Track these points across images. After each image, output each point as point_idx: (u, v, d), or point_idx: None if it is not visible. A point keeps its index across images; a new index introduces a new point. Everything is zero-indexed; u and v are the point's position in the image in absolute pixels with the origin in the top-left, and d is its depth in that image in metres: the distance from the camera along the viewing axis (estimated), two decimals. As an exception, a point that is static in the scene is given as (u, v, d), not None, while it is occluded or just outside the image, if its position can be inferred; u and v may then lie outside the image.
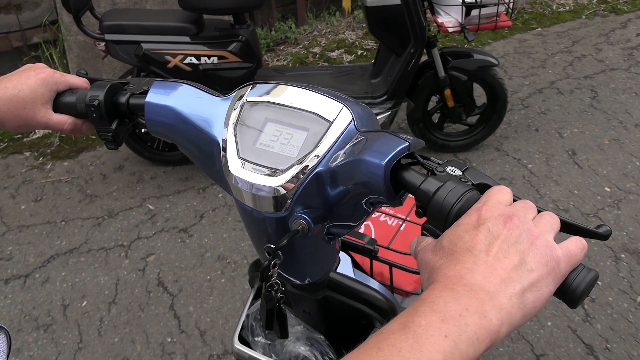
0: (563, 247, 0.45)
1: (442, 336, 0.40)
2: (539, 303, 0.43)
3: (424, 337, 0.40)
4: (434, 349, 0.40)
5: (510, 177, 2.53)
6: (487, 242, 0.45)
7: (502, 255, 0.44)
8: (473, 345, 0.40)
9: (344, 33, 3.87)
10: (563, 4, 4.17)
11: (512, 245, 0.44)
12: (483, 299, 0.42)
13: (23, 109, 0.72)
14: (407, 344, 0.40)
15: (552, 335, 1.80)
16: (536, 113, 2.97)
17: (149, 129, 0.70)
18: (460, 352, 0.40)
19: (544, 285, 0.43)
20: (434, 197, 0.50)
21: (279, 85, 0.63)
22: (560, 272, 0.44)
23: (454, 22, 2.27)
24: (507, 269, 0.43)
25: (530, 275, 0.43)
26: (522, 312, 0.43)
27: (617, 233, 2.18)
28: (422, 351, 0.39)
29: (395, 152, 0.52)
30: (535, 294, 0.43)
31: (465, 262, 0.45)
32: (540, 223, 0.46)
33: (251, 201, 0.61)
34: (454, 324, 0.41)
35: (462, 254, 0.46)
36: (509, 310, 0.42)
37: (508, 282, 0.43)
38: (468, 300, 0.42)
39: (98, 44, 2.32)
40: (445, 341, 0.40)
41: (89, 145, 2.93)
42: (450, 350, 0.40)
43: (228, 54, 2.32)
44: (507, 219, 0.45)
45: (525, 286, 0.43)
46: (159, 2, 3.19)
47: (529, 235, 0.45)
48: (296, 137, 0.59)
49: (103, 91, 0.72)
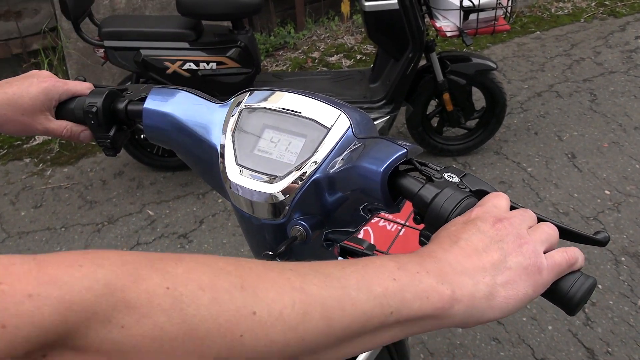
0: (549, 257, 0.44)
1: (390, 278, 0.40)
2: (511, 301, 0.42)
3: (373, 271, 0.40)
4: (376, 282, 0.39)
5: (509, 180, 2.53)
6: (471, 234, 0.44)
7: (483, 249, 0.43)
8: (420, 299, 0.39)
9: (343, 38, 3.88)
10: (562, 8, 4.18)
11: (496, 243, 0.44)
12: (447, 271, 0.41)
13: (22, 115, 0.72)
14: (354, 269, 0.40)
15: (552, 339, 1.80)
16: (535, 116, 2.97)
17: (147, 136, 0.70)
18: (404, 298, 0.39)
19: (521, 286, 0.42)
20: (431, 204, 0.50)
21: (276, 92, 0.63)
22: (542, 280, 0.43)
23: (452, 26, 2.28)
24: (484, 260, 0.43)
25: (507, 272, 0.42)
26: (489, 302, 0.41)
27: (618, 236, 2.17)
28: (364, 279, 0.39)
29: (392, 159, 0.52)
30: (508, 291, 0.42)
31: (443, 244, 0.44)
32: (534, 232, 0.45)
33: (249, 208, 0.61)
34: (408, 275, 0.40)
35: (443, 239, 0.45)
36: (471, 292, 0.41)
37: (480, 270, 0.42)
38: (431, 266, 0.42)
39: (97, 50, 2.33)
40: (392, 282, 0.39)
41: (89, 151, 2.93)
42: (394, 291, 0.39)
43: (227, 59, 2.33)
44: (497, 221, 0.45)
45: (498, 280, 0.42)
46: (158, 8, 3.20)
47: (516, 239, 0.44)
48: (294, 143, 0.59)
49: (101, 98, 0.72)
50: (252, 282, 0.35)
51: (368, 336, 0.39)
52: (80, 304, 0.29)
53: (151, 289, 0.31)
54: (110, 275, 0.31)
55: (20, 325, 0.27)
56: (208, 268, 0.35)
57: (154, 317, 0.31)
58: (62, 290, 0.29)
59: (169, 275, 0.33)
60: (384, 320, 0.38)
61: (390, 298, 0.39)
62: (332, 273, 0.39)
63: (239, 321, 0.33)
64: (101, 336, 0.29)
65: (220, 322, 0.32)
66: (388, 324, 0.39)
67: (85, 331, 0.29)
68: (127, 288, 0.31)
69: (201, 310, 0.32)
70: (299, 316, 0.35)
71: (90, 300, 0.29)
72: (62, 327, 0.28)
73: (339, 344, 0.38)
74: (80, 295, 0.29)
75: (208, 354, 0.32)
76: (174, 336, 0.31)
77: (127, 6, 3.10)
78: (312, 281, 0.37)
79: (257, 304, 0.34)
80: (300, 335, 0.35)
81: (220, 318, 0.33)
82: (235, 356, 0.33)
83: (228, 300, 0.33)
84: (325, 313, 0.36)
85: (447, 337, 1.83)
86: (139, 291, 0.31)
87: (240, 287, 0.34)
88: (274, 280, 0.36)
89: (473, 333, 1.83)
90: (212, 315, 0.32)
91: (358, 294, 0.38)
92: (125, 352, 0.30)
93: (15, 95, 0.71)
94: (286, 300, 0.35)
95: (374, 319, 0.38)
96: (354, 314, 0.37)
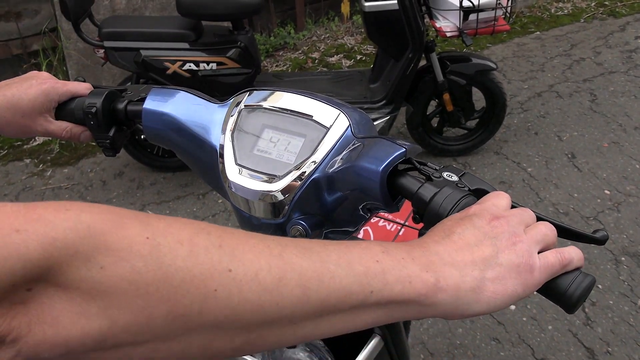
0: (542, 258, 0.44)
1: (374, 260, 0.40)
2: (499, 297, 0.42)
3: (357, 252, 0.40)
4: (358, 261, 0.40)
5: (510, 180, 2.53)
6: (464, 228, 0.44)
7: (475, 243, 0.43)
8: (402, 283, 0.40)
9: (343, 38, 3.88)
10: (561, 8, 4.18)
11: (489, 239, 0.44)
12: (433, 261, 0.42)
13: (21, 117, 0.72)
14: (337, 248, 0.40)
15: (553, 339, 1.80)
16: (535, 116, 2.97)
17: (147, 136, 0.70)
18: (385, 280, 0.39)
19: (510, 284, 0.42)
20: (430, 202, 0.50)
21: (276, 92, 0.63)
22: (533, 280, 0.43)
23: (452, 26, 2.28)
24: (475, 255, 0.43)
25: (497, 268, 0.42)
26: (476, 295, 0.41)
27: (618, 236, 2.18)
28: (346, 256, 0.40)
29: (391, 158, 0.53)
30: (497, 286, 0.42)
31: (436, 236, 0.45)
32: (530, 231, 0.45)
33: (248, 207, 0.61)
34: (393, 260, 0.41)
35: (437, 232, 0.45)
36: (456, 283, 0.41)
37: (469, 263, 0.42)
38: (418, 255, 0.42)
39: (97, 51, 2.33)
40: (375, 264, 0.40)
41: (89, 152, 2.93)
42: (375, 272, 0.39)
43: (227, 59, 2.33)
44: (493, 218, 0.45)
45: (486, 275, 0.42)
46: (158, 8, 3.20)
47: (511, 237, 0.44)
48: (293, 143, 0.59)
49: (100, 98, 0.72)
50: (230, 243, 0.37)
51: (348, 314, 0.39)
52: (63, 241, 0.31)
53: (131, 236, 0.33)
54: (93, 219, 0.32)
55: (8, 257, 0.29)
56: (189, 226, 0.37)
57: (131, 261, 0.32)
58: (47, 227, 0.30)
59: (150, 227, 0.35)
60: (363, 299, 0.39)
61: (372, 278, 0.39)
62: (314, 248, 0.40)
63: (213, 275, 0.34)
64: (82, 274, 0.31)
65: (195, 274, 0.34)
66: (368, 304, 0.39)
67: (67, 268, 0.31)
68: (108, 232, 0.32)
69: (177, 261, 0.34)
70: (275, 280, 0.36)
71: (72, 239, 0.31)
72: (45, 261, 0.30)
73: (317, 317, 0.38)
74: (64, 233, 0.31)
75: (181, 302, 0.33)
76: (150, 281, 0.32)
77: (127, 7, 3.10)
78: (292, 251, 0.38)
79: (233, 263, 0.35)
80: (275, 299, 0.36)
81: (195, 270, 0.34)
82: (209, 309, 0.34)
83: (204, 255, 0.35)
84: (301, 281, 0.37)
85: (447, 337, 1.83)
86: (120, 236, 0.33)
87: (218, 246, 0.36)
88: (253, 245, 0.37)
89: (473, 333, 1.83)
90: (187, 266, 0.34)
91: (337, 268, 0.38)
92: (102, 291, 0.32)
93: (15, 97, 0.71)
94: (263, 263, 0.36)
95: (353, 295, 0.38)
96: (332, 286, 0.38)
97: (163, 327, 0.33)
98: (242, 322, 0.35)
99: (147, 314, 0.33)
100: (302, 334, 0.38)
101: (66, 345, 0.31)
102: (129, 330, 0.33)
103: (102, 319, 0.32)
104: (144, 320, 0.33)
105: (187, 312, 0.34)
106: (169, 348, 0.34)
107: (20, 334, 0.30)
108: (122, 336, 0.33)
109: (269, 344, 0.38)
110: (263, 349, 0.39)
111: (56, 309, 0.31)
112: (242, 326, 0.36)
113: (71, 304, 0.31)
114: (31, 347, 0.31)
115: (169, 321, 0.33)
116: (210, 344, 0.36)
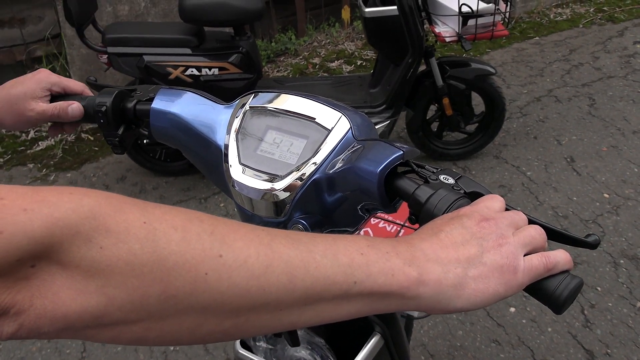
0: (527, 260, 0.45)
1: (359, 252, 0.42)
2: (480, 295, 0.43)
3: (343, 244, 0.42)
4: (343, 253, 0.41)
5: (509, 184, 2.55)
6: (452, 228, 0.46)
7: (462, 242, 0.44)
8: (385, 275, 0.41)
9: (344, 44, 3.91)
10: (560, 13, 4.21)
11: (476, 239, 0.45)
12: (417, 256, 0.43)
13: (15, 104, 0.76)
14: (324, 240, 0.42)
15: (552, 341, 1.81)
16: (534, 121, 2.99)
17: (154, 135, 0.73)
18: (369, 271, 0.41)
19: (492, 283, 0.43)
20: (425, 204, 0.51)
21: (281, 94, 0.65)
22: (516, 281, 0.44)
23: (451, 31, 2.30)
24: (459, 253, 0.44)
25: (481, 267, 0.43)
26: (457, 291, 0.43)
27: (616, 239, 2.19)
28: (332, 248, 0.41)
29: (389, 160, 0.54)
30: (479, 284, 0.43)
31: (423, 234, 0.46)
32: (519, 234, 0.46)
33: (251, 206, 0.63)
34: (377, 253, 0.42)
35: (425, 230, 0.47)
36: (438, 278, 0.42)
37: (453, 261, 0.43)
38: (403, 250, 0.43)
39: (101, 56, 2.35)
40: (359, 256, 0.41)
41: (92, 156, 2.95)
42: (359, 263, 0.41)
43: (229, 65, 2.35)
44: (483, 219, 0.46)
45: (469, 273, 0.43)
46: (161, 15, 3.23)
47: (498, 238, 0.45)
48: (296, 144, 0.61)
49: (111, 97, 0.75)
50: (222, 231, 0.39)
51: (332, 303, 0.41)
52: (65, 221, 0.33)
53: (130, 220, 0.36)
54: (95, 203, 0.35)
55: (15, 233, 0.31)
56: (184, 214, 0.39)
57: (129, 244, 0.35)
58: (51, 208, 0.33)
59: (147, 212, 0.37)
60: (347, 289, 0.40)
61: (356, 269, 0.41)
62: (302, 239, 0.41)
63: (204, 260, 0.36)
64: (82, 253, 0.33)
65: (187, 258, 0.36)
66: (352, 294, 0.41)
67: (68, 247, 0.33)
68: (108, 216, 0.35)
69: (171, 245, 0.36)
70: (263, 267, 0.38)
71: (74, 220, 0.33)
72: (49, 240, 0.32)
73: (302, 304, 0.40)
74: (67, 214, 0.33)
75: (173, 284, 0.35)
76: (144, 263, 0.35)
77: (130, 13, 3.13)
78: (280, 241, 0.40)
79: (224, 249, 0.38)
80: (261, 284, 0.38)
81: (187, 254, 0.36)
82: (200, 292, 0.36)
83: (196, 241, 0.37)
84: (288, 269, 0.39)
85: (448, 339, 1.84)
86: (119, 220, 0.35)
87: (210, 233, 0.38)
88: (244, 233, 0.40)
89: (473, 335, 1.85)
90: (180, 250, 0.36)
91: (323, 259, 0.40)
92: (101, 270, 0.34)
93: (12, 87, 0.77)
94: (252, 250, 0.38)
95: (337, 285, 0.40)
96: (317, 275, 0.39)
97: (156, 306, 0.35)
98: (230, 305, 0.37)
99: (141, 293, 0.35)
100: (288, 320, 0.40)
101: (65, 320, 0.34)
102: (124, 308, 0.35)
103: (100, 296, 0.34)
104: (138, 299, 0.35)
105: (179, 294, 0.36)
106: (161, 328, 0.37)
107: (23, 307, 0.32)
108: (117, 314, 0.35)
109: (257, 329, 0.40)
110: (251, 334, 0.41)
111: (57, 285, 0.33)
112: (230, 310, 0.38)
113: (71, 282, 0.33)
114: (32, 320, 0.33)
115: (161, 301, 0.35)
116: (200, 326, 0.38)
